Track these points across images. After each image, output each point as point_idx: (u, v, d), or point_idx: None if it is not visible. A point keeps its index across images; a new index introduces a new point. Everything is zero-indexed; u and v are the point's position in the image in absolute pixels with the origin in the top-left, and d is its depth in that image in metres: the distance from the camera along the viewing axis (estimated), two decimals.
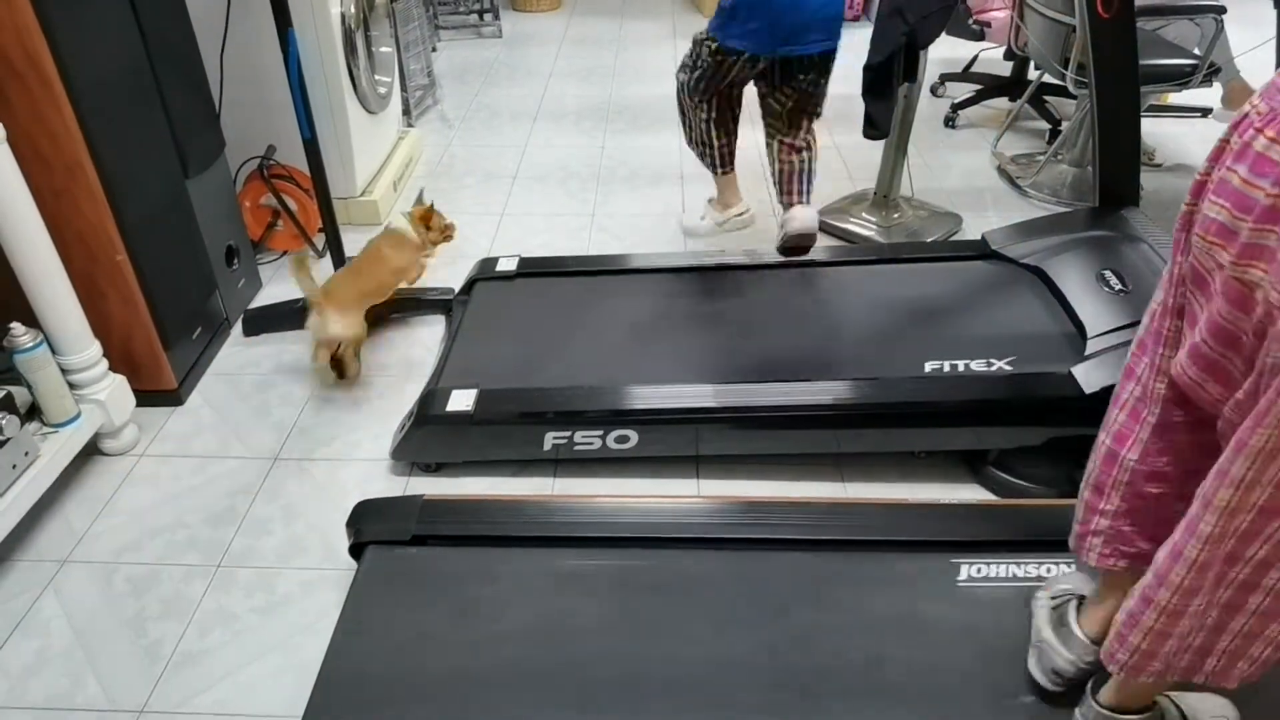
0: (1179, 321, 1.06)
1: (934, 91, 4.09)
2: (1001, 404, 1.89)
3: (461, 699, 1.39)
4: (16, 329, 1.73)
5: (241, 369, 2.33)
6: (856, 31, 5.09)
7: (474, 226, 3.03)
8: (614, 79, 4.47)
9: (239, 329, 2.46)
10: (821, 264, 2.52)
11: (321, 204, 2.34)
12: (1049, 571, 1.54)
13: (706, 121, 2.59)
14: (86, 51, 1.80)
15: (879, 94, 2.61)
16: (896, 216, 2.94)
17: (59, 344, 1.83)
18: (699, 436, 1.94)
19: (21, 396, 1.77)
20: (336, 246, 2.41)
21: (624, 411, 1.93)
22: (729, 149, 2.68)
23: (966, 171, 3.44)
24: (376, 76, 3.08)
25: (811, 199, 2.52)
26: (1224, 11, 2.90)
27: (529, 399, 1.98)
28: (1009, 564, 1.57)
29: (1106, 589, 1.28)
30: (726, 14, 2.30)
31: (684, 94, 2.58)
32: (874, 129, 2.67)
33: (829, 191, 3.20)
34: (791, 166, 2.49)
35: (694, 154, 2.74)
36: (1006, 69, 3.95)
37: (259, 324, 2.46)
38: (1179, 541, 1.02)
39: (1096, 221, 2.43)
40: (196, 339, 2.28)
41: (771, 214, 3.10)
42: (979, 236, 2.54)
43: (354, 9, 2.80)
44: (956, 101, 3.86)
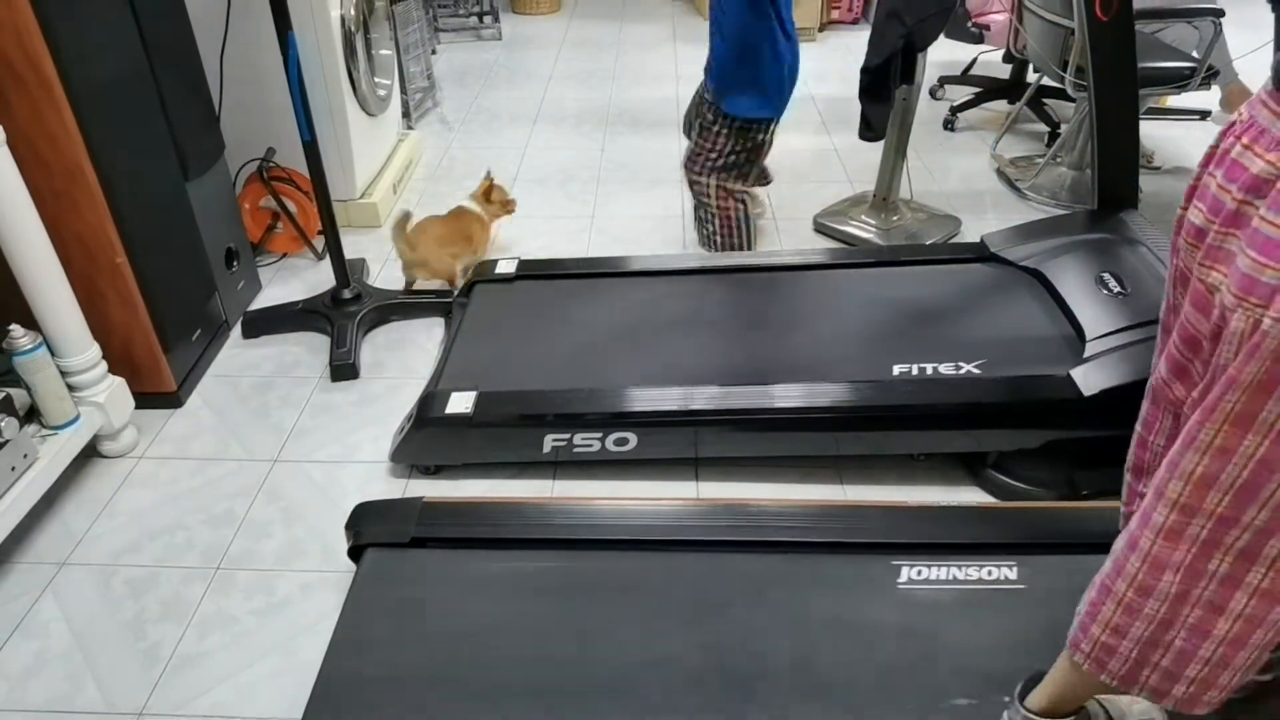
0: (1174, 317, 1.07)
1: (933, 94, 4.09)
2: (1000, 406, 1.89)
3: (461, 701, 1.39)
4: (16, 331, 1.73)
5: (241, 371, 2.33)
6: (855, 34, 5.16)
7: None
8: (614, 82, 4.47)
9: (238, 331, 2.47)
10: (821, 266, 2.52)
11: (321, 206, 2.34)
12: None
13: (732, 204, 2.54)
14: (87, 54, 1.80)
15: (876, 96, 2.61)
16: (895, 219, 2.95)
17: (58, 346, 1.83)
18: (698, 439, 1.94)
19: (20, 399, 1.77)
20: (336, 249, 2.41)
21: (623, 414, 1.93)
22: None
23: (965, 174, 3.45)
24: (376, 79, 3.08)
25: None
26: (1222, 15, 2.90)
27: (528, 401, 1.98)
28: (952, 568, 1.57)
29: None
30: (769, 89, 2.34)
31: (709, 179, 2.49)
32: (870, 131, 2.68)
33: (828, 194, 3.20)
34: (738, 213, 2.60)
35: (701, 243, 2.63)
36: (1005, 72, 3.95)
37: (258, 326, 2.47)
38: (1135, 531, 1.02)
39: (1095, 224, 2.43)
40: (196, 341, 2.28)
41: (772, 216, 3.12)
42: (978, 239, 2.54)
43: (354, 11, 2.81)
44: (955, 104, 3.86)
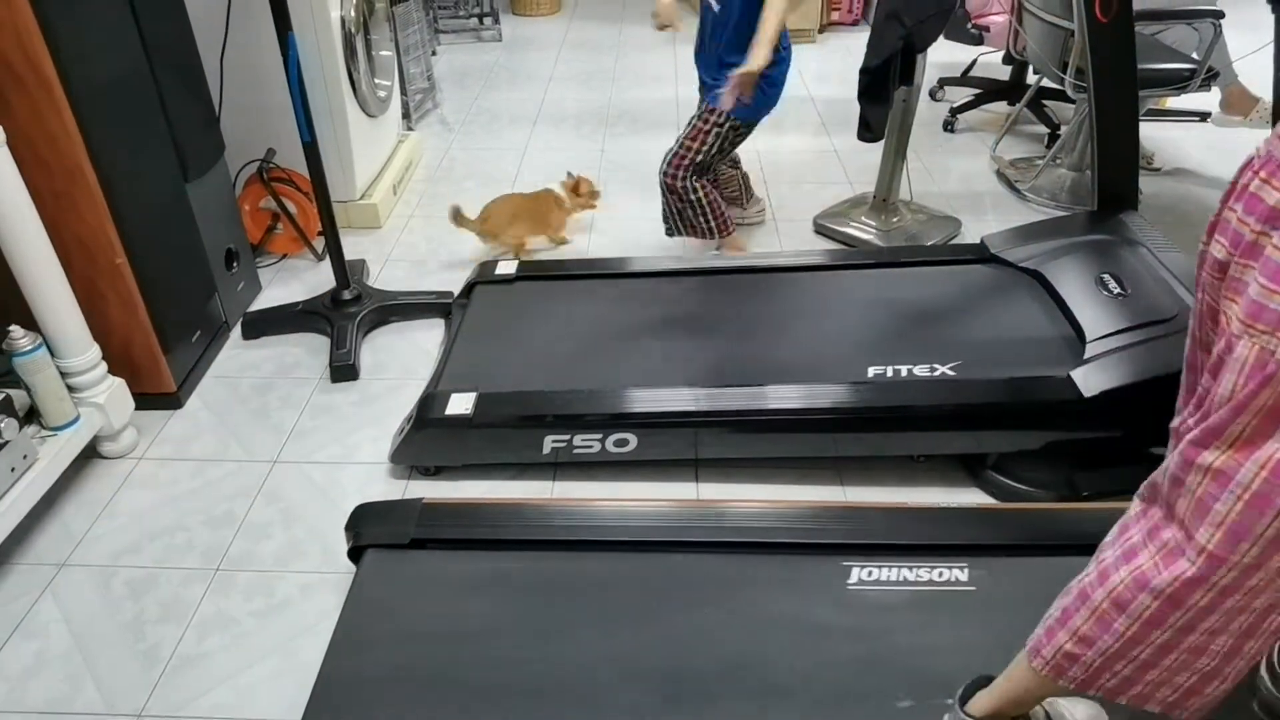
0: (1204, 355, 1.06)
1: (933, 95, 4.09)
2: (1000, 408, 1.89)
3: (460, 703, 1.39)
4: (16, 332, 1.73)
5: (241, 372, 2.33)
6: (855, 35, 5.17)
7: None
8: (614, 83, 4.47)
9: (238, 332, 2.47)
10: (821, 268, 2.53)
11: (321, 207, 2.34)
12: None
13: (710, 190, 2.62)
14: (87, 55, 1.80)
15: (875, 97, 2.62)
16: (895, 220, 2.95)
17: (58, 347, 1.83)
18: (698, 440, 1.94)
19: (20, 399, 1.77)
20: (336, 250, 2.41)
21: (623, 415, 1.93)
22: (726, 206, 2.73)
23: (965, 175, 3.45)
24: (376, 80, 3.08)
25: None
26: (1222, 16, 2.90)
27: (528, 402, 1.98)
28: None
29: None
30: (776, 88, 2.48)
31: (690, 180, 2.56)
32: (868, 132, 2.68)
33: (828, 196, 3.20)
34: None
35: (696, 236, 2.70)
36: (1005, 73, 3.95)
37: (258, 327, 2.47)
38: (1135, 542, 1.00)
39: (1095, 225, 2.43)
40: (196, 342, 2.28)
41: (772, 218, 3.12)
42: (978, 240, 2.54)
43: (354, 13, 2.81)
44: (955, 105, 3.86)
